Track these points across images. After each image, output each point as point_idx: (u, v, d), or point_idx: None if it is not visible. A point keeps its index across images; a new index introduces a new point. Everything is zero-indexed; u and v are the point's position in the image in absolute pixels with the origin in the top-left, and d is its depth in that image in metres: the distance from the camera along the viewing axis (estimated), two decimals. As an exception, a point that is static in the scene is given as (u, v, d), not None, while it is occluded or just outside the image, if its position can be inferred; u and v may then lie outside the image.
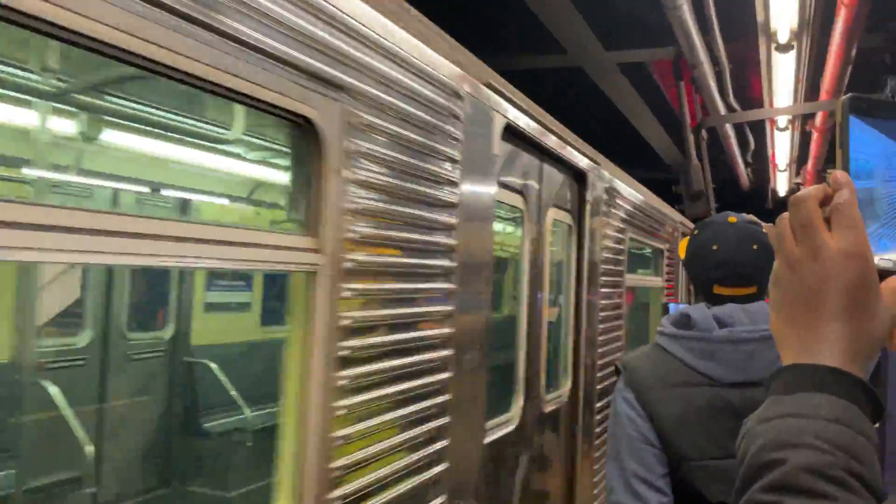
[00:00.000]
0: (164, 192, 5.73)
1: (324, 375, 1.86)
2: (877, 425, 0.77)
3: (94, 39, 1.26)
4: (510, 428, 3.41)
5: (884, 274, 0.84)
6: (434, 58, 2.43)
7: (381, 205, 2.11)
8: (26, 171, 4.55)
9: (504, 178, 3.29)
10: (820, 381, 0.75)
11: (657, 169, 12.48)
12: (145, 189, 5.62)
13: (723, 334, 1.93)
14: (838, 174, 0.82)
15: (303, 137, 1.86)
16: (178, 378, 5.99)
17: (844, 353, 0.77)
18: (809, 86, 8.60)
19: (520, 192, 3.54)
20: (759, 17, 6.70)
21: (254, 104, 1.67)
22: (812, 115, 9.43)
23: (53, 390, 4.48)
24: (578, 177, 4.40)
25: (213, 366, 5.98)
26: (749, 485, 0.71)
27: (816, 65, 7.86)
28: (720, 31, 7.39)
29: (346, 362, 1.95)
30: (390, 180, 2.15)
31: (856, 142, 0.84)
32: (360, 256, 2.01)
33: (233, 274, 6.85)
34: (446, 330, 2.53)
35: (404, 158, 2.22)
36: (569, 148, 4.11)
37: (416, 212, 2.30)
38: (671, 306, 5.90)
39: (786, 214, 0.84)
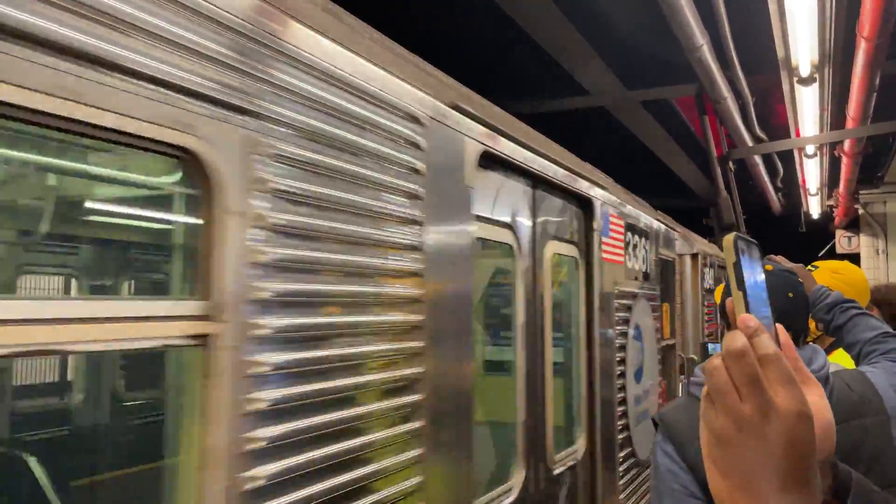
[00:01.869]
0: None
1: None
2: None
3: None
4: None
5: None
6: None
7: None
8: None
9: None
10: None
11: (688, 198, 12.47)
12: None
13: None
14: (747, 319, 0.77)
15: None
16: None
17: None
18: (836, 112, 8.59)
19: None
20: (780, 53, 6.74)
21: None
22: (840, 141, 9.40)
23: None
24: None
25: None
26: None
27: (841, 92, 7.84)
28: (741, 65, 7.44)
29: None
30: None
31: (748, 280, 0.81)
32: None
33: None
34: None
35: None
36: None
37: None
38: (710, 346, 5.84)
39: (718, 363, 0.77)
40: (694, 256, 7.10)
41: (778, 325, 0.86)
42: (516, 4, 5.75)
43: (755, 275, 0.85)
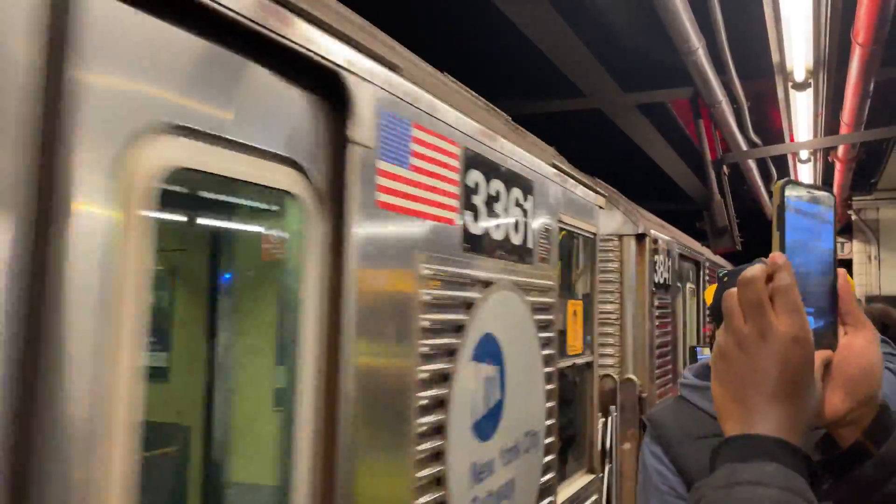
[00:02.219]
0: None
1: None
2: None
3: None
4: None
5: None
6: None
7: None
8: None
9: None
10: (772, 451, 0.81)
11: (683, 202, 12.51)
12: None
13: None
14: (776, 256, 0.86)
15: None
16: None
17: (788, 430, 0.83)
18: (830, 117, 8.62)
19: None
20: (775, 58, 6.76)
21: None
22: (834, 146, 9.45)
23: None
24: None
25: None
26: None
27: (835, 98, 7.87)
28: (736, 70, 7.47)
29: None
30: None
31: (791, 223, 0.89)
32: None
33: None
34: None
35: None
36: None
37: None
38: (698, 350, 5.80)
39: (734, 291, 0.86)
40: (640, 238, 5.36)
41: (841, 269, 0.93)
42: (513, 5, 5.77)
43: (807, 222, 0.91)
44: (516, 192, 2.91)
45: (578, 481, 3.95)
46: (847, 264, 13.29)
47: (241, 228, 2.60)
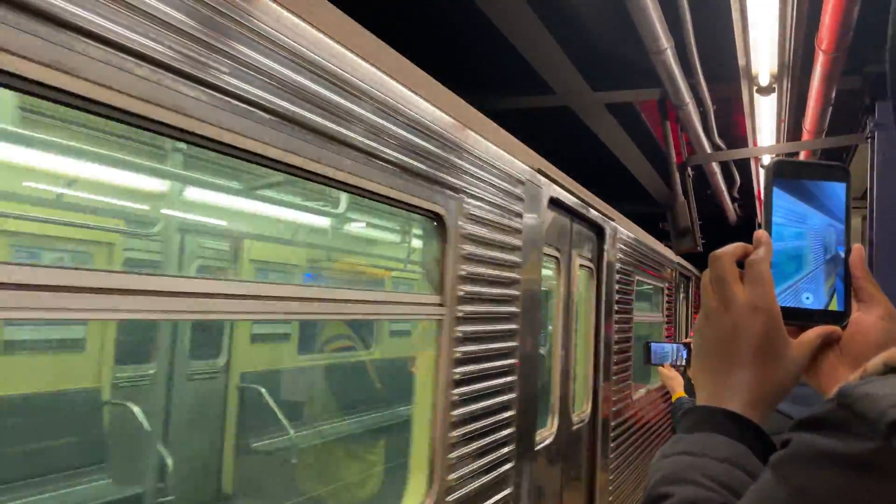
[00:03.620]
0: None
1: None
2: None
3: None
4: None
5: (800, 315, 0.90)
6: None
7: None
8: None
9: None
10: (718, 423, 0.83)
11: (646, 203, 12.65)
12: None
13: None
14: (759, 233, 0.89)
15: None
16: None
17: (747, 399, 0.84)
18: (793, 125, 8.79)
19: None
20: (741, 62, 6.87)
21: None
22: (795, 154, 9.64)
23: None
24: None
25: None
26: None
27: (798, 105, 8.04)
28: (704, 73, 7.58)
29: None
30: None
31: (782, 202, 0.90)
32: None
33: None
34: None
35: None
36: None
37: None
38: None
39: (708, 271, 0.91)
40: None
41: (856, 245, 0.91)
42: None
43: (807, 199, 0.91)
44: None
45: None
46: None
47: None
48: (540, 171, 3.78)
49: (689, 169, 8.97)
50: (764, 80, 6.90)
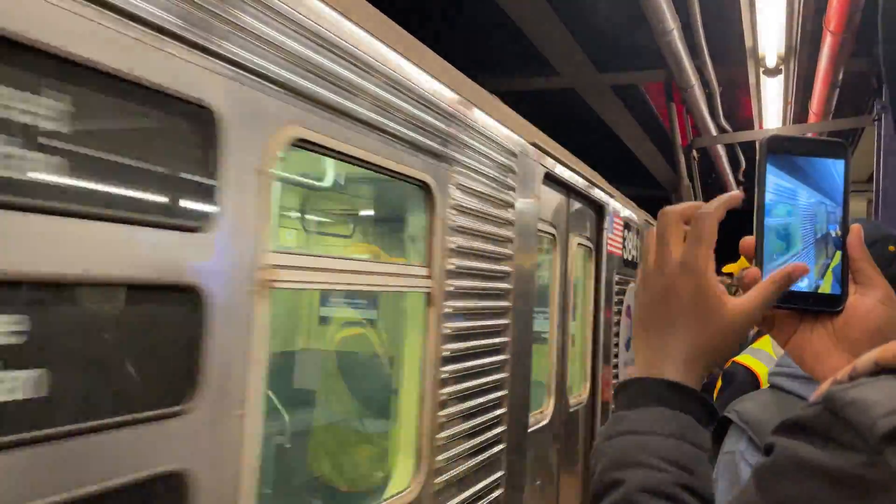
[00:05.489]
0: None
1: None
2: None
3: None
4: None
5: (792, 298, 0.83)
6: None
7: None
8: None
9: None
10: (657, 395, 0.77)
11: (650, 187, 12.61)
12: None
13: None
14: (725, 195, 0.84)
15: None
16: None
17: (682, 364, 0.78)
18: (799, 107, 8.73)
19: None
20: (748, 43, 6.82)
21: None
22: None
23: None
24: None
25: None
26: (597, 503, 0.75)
27: (805, 87, 7.97)
28: (710, 55, 7.52)
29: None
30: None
31: (774, 178, 0.85)
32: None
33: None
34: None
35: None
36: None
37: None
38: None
39: (653, 229, 0.84)
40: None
41: (854, 225, 0.85)
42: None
43: (801, 177, 0.86)
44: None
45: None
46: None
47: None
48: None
49: (693, 152, 8.93)
50: (771, 62, 6.84)
